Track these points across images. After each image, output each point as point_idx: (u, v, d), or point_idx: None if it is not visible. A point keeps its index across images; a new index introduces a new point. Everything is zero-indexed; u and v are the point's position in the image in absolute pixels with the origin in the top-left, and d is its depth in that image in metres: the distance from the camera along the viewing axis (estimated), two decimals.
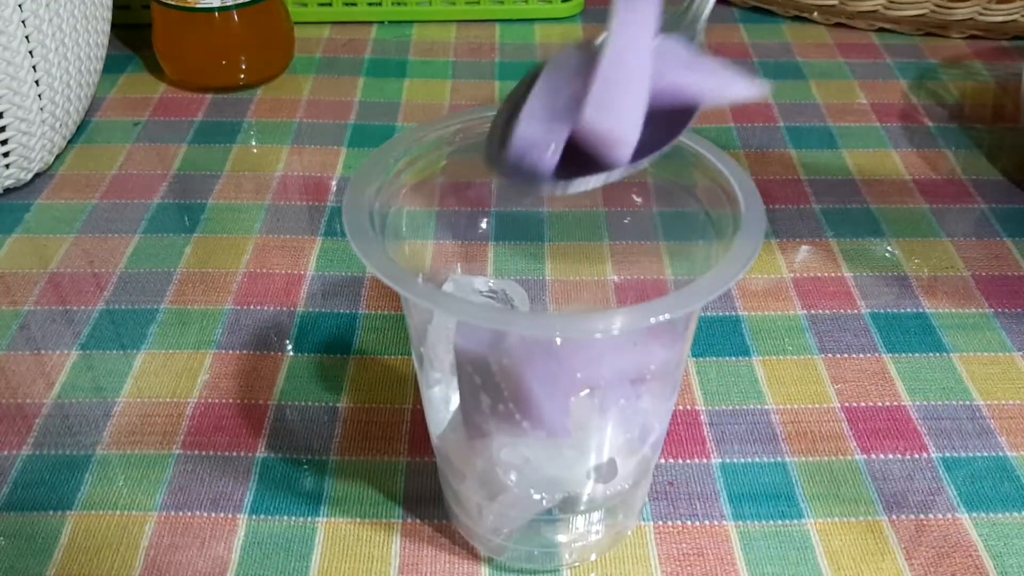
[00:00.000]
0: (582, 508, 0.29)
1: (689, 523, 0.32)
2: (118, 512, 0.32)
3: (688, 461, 0.34)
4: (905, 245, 0.44)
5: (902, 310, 0.41)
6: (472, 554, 0.31)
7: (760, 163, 0.50)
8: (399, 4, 0.62)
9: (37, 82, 0.45)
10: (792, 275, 0.42)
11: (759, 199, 0.26)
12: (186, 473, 0.34)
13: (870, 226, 0.45)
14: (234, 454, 0.34)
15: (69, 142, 0.50)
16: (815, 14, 0.63)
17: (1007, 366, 0.38)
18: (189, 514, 0.32)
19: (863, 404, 0.36)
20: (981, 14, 0.60)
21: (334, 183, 0.48)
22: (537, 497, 0.28)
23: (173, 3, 0.52)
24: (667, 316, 0.23)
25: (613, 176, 0.24)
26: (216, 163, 0.49)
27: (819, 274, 0.43)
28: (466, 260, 0.35)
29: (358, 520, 0.32)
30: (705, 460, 0.34)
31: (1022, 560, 0.31)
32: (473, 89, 0.56)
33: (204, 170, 0.49)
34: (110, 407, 0.36)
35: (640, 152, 0.24)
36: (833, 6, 0.62)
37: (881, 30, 0.62)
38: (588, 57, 0.24)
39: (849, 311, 0.41)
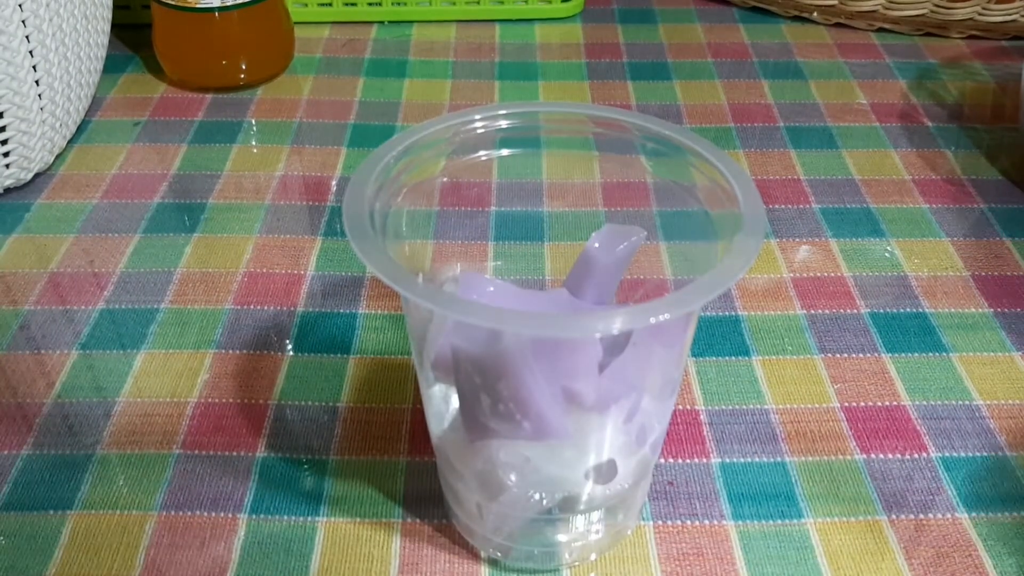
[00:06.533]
0: (582, 508, 0.29)
1: (689, 523, 0.32)
2: (118, 512, 0.32)
3: (688, 461, 0.34)
4: (905, 245, 0.44)
5: (902, 310, 0.41)
6: (472, 554, 0.31)
7: (760, 163, 0.50)
8: (399, 4, 0.62)
9: (37, 82, 0.45)
10: (792, 275, 0.42)
11: (759, 199, 0.26)
12: (186, 473, 0.34)
13: (870, 226, 0.45)
14: (234, 454, 0.34)
15: (69, 142, 0.51)
16: (815, 14, 0.63)
17: (1007, 366, 0.38)
18: (189, 514, 0.32)
19: (863, 404, 0.36)
20: (981, 14, 0.60)
21: (334, 183, 0.48)
22: (537, 497, 0.28)
23: (173, 3, 0.52)
24: (667, 316, 0.23)
25: None
26: (216, 163, 0.49)
27: (819, 274, 0.43)
28: (466, 260, 0.35)
29: (358, 520, 0.32)
30: (705, 460, 0.34)
31: (1022, 560, 0.31)
32: (473, 89, 0.56)
33: (204, 170, 0.49)
34: (110, 407, 0.36)
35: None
36: (833, 6, 0.62)
37: (881, 30, 0.62)
38: None
39: (849, 311, 0.41)
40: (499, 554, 0.31)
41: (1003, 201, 0.47)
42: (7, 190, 0.47)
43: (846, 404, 0.36)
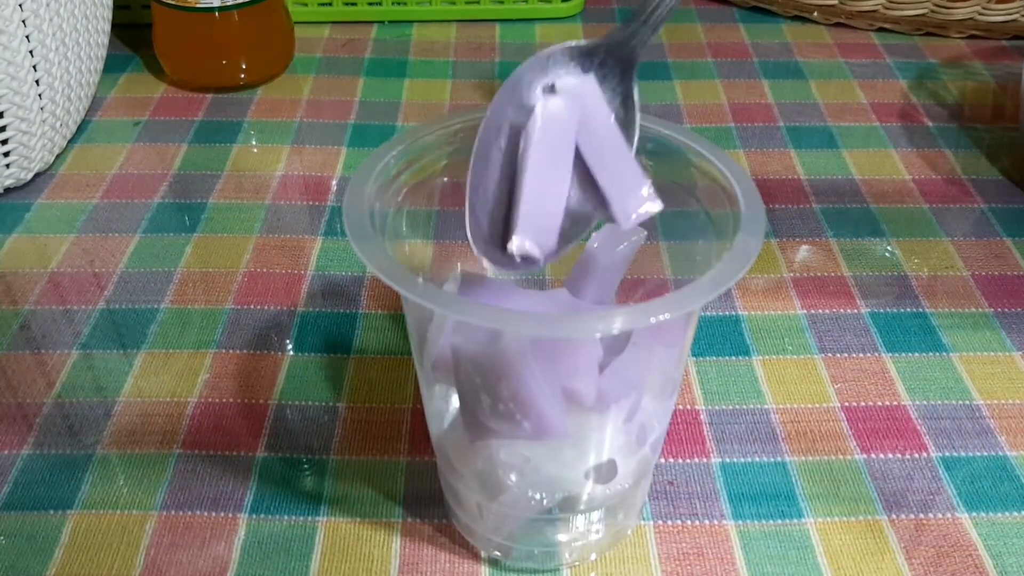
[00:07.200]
0: (582, 508, 0.29)
1: (689, 523, 0.32)
2: (118, 512, 0.32)
3: (688, 461, 0.34)
4: (905, 245, 0.44)
5: (902, 310, 0.41)
6: (472, 554, 0.31)
7: (760, 163, 0.50)
8: (399, 4, 0.62)
9: (37, 82, 0.45)
10: (792, 275, 0.42)
11: (759, 199, 0.26)
12: (186, 473, 0.34)
13: (870, 226, 0.45)
14: (234, 454, 0.34)
15: (69, 142, 0.51)
16: (815, 14, 0.63)
17: (1007, 366, 0.38)
18: (189, 514, 0.32)
19: (863, 404, 0.36)
20: (981, 14, 0.60)
21: (334, 183, 0.48)
22: (537, 497, 0.28)
23: (173, 3, 0.52)
24: (667, 316, 0.23)
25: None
26: (216, 163, 0.49)
27: (819, 274, 0.43)
28: (466, 260, 0.35)
29: (358, 520, 0.32)
30: (705, 460, 0.34)
31: (1022, 560, 0.31)
32: (473, 89, 0.56)
33: (204, 170, 0.49)
34: (110, 407, 0.36)
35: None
36: (833, 6, 0.62)
37: (881, 30, 0.62)
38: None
39: (849, 311, 0.41)
40: (499, 554, 0.31)
41: (1003, 201, 0.47)
42: (7, 190, 0.47)
43: (846, 404, 0.36)
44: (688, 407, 0.36)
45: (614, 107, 0.27)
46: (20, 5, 0.43)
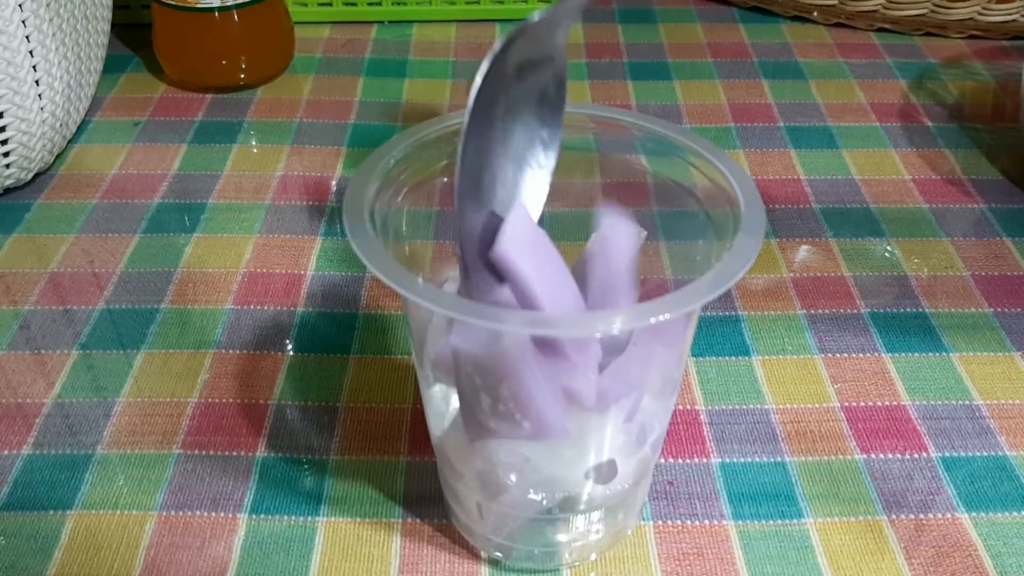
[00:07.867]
0: (582, 508, 0.29)
1: (689, 523, 0.32)
2: (118, 512, 0.32)
3: (688, 461, 0.34)
4: (905, 245, 0.44)
5: (902, 310, 0.41)
6: (472, 554, 0.31)
7: (760, 163, 0.50)
8: (399, 4, 0.62)
9: (37, 82, 0.45)
10: (792, 275, 0.42)
11: (759, 199, 0.26)
12: (186, 473, 0.34)
13: (870, 226, 0.45)
14: (234, 454, 0.34)
15: (69, 142, 0.51)
16: (815, 14, 0.63)
17: (1007, 366, 0.38)
18: (189, 514, 0.32)
19: (863, 404, 0.36)
20: (980, 14, 0.60)
21: (334, 183, 0.48)
22: (537, 497, 0.28)
23: (173, 3, 0.52)
24: (667, 316, 0.23)
25: None
26: (216, 163, 0.49)
27: (819, 274, 0.43)
28: None
29: (358, 520, 0.32)
30: (705, 460, 0.34)
31: (1022, 560, 0.31)
32: None
33: (204, 170, 0.49)
34: (110, 407, 0.36)
35: None
36: (833, 6, 0.62)
37: (881, 30, 0.62)
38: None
39: (849, 311, 0.41)
40: (499, 554, 0.31)
41: (1003, 201, 0.47)
42: (7, 190, 0.47)
43: (846, 404, 0.36)
44: (688, 407, 0.36)
45: (546, 88, 0.27)
46: (20, 5, 0.43)
